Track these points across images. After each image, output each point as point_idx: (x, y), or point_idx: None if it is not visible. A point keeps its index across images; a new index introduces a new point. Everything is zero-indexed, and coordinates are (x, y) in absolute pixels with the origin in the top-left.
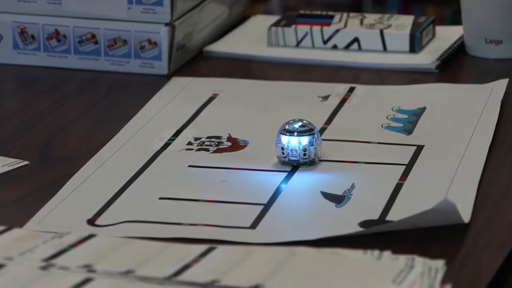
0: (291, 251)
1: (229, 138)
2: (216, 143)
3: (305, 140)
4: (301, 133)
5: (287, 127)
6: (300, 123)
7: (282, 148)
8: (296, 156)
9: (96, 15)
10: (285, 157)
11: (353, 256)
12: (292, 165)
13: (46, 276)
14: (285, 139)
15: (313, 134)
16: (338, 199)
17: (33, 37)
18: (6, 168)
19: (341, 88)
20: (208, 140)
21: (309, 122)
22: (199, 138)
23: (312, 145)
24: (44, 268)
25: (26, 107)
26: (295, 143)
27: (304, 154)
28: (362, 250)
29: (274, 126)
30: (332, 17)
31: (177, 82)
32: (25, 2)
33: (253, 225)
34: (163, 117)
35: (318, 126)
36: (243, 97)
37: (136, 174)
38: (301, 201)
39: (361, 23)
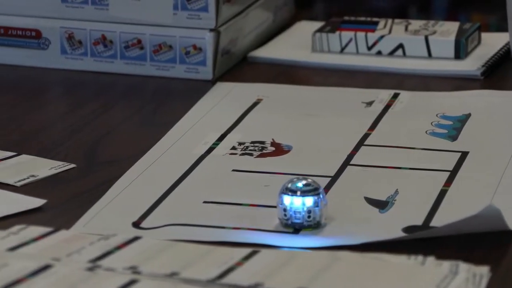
0: (335, 256)
1: (273, 143)
2: (260, 148)
3: (309, 200)
4: (305, 192)
5: (289, 185)
6: (304, 182)
7: (284, 210)
8: (299, 219)
9: (142, 21)
10: (287, 219)
11: (397, 261)
12: (295, 228)
13: (92, 277)
14: (287, 199)
15: (318, 194)
16: (381, 205)
17: (80, 42)
18: (53, 171)
19: (385, 94)
20: (252, 144)
21: (313, 181)
22: (243, 143)
23: (317, 206)
24: (90, 269)
25: (73, 111)
26: (298, 204)
27: (309, 216)
28: (406, 255)
29: (318, 131)
30: (376, 23)
31: (222, 87)
32: (72, 7)
33: (296, 230)
34: (207, 122)
35: (361, 132)
36: (287, 103)
37: (181, 178)
38: (345, 206)
39: (406, 29)
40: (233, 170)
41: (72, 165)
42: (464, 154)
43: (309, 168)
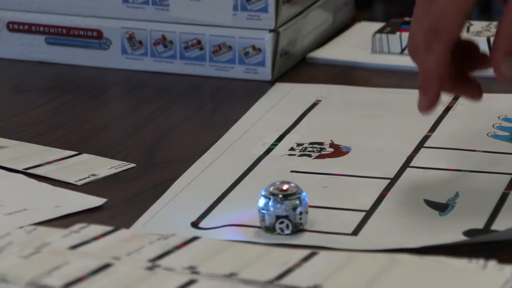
0: (394, 258)
1: (332, 144)
2: (319, 149)
3: (261, 201)
4: (286, 197)
5: (271, 189)
6: (286, 186)
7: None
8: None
9: (202, 21)
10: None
11: (457, 264)
12: (268, 232)
13: (151, 276)
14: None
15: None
16: (441, 207)
17: (140, 42)
18: (114, 170)
19: (445, 96)
20: (311, 146)
21: (296, 185)
22: (302, 144)
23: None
24: (150, 268)
25: (133, 111)
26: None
27: (263, 219)
28: (467, 258)
29: (377, 133)
30: None
31: (280, 88)
32: (133, 8)
33: (355, 232)
34: (266, 122)
35: (421, 134)
36: (346, 104)
37: (239, 178)
38: (404, 208)
39: (468, 30)
40: (292, 171)
41: (132, 165)
42: None
43: (368, 169)
